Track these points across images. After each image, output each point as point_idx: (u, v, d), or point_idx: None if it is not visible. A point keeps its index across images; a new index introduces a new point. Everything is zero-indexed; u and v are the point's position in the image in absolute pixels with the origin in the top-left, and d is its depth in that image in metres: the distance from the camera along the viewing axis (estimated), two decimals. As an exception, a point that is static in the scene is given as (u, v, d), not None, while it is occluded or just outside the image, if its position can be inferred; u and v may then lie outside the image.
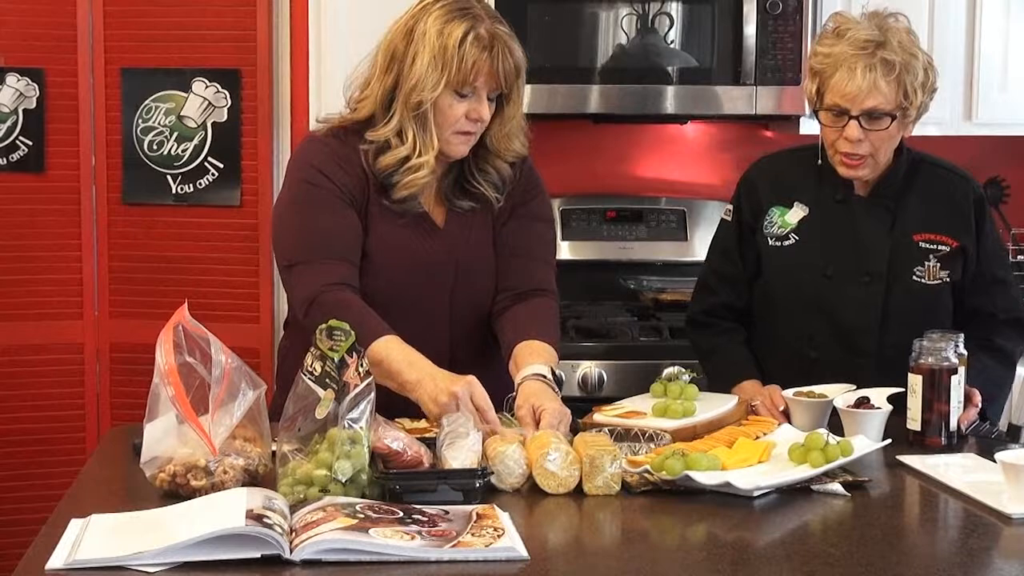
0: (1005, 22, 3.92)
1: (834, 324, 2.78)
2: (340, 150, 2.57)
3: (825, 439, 2.24)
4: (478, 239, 2.65)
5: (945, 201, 2.80)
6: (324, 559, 1.81)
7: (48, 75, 3.96)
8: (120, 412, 3.99)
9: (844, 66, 2.63)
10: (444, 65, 2.46)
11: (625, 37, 3.77)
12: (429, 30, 2.48)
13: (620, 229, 4.09)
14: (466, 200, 2.63)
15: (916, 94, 2.66)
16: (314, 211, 2.54)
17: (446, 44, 2.46)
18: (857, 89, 2.62)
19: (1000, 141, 4.17)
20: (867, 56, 2.62)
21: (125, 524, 1.94)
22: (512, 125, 2.58)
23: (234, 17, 3.94)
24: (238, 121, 3.97)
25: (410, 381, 2.37)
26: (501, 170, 2.62)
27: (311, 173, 2.56)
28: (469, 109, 2.51)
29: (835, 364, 2.74)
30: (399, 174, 2.52)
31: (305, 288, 2.49)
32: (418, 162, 2.51)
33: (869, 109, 2.64)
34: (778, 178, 2.87)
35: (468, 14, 2.50)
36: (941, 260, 2.77)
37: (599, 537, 2.07)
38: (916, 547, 2.01)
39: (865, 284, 2.77)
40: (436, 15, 2.50)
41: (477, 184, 2.62)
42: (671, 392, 2.52)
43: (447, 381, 2.34)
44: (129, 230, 4.01)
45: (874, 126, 2.65)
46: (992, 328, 2.76)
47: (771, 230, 2.84)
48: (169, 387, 2.10)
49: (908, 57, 2.64)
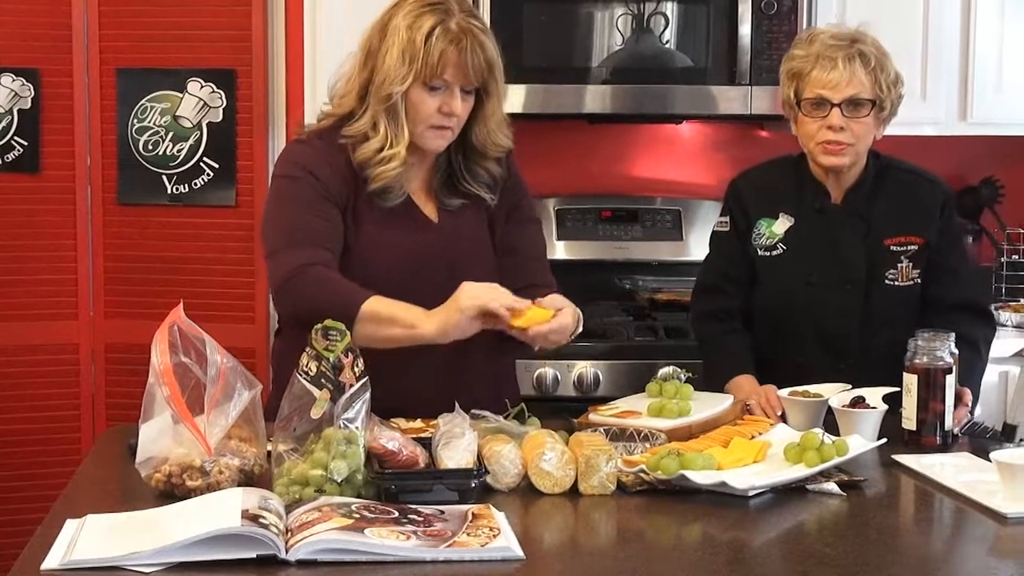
0: (999, 22, 3.93)
1: (818, 330, 2.87)
2: (324, 149, 2.58)
3: (820, 439, 2.25)
4: (472, 234, 2.66)
5: (912, 202, 2.89)
6: (320, 559, 1.81)
7: (43, 75, 3.96)
8: (115, 412, 3.99)
9: (824, 58, 2.76)
10: (412, 58, 2.49)
11: (620, 37, 3.77)
12: (400, 24, 2.51)
13: (616, 229, 4.09)
14: (456, 198, 2.65)
15: (889, 90, 2.78)
16: (293, 205, 2.55)
17: (414, 37, 2.49)
18: (839, 77, 2.74)
19: (995, 141, 4.17)
20: (845, 48, 2.76)
21: (121, 524, 1.94)
22: (492, 121, 2.60)
23: (229, 17, 3.94)
24: (233, 121, 3.97)
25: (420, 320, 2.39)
26: (490, 169, 2.65)
27: (292, 169, 2.59)
28: (441, 103, 2.52)
29: (820, 368, 2.79)
30: (372, 164, 2.54)
31: (282, 267, 2.48)
32: (389, 153, 2.53)
33: (850, 96, 2.75)
34: (763, 190, 2.95)
35: (439, 8, 2.52)
36: (912, 259, 2.86)
37: (595, 537, 2.07)
38: (911, 546, 2.01)
39: (847, 291, 2.85)
40: (408, 9, 2.53)
41: (468, 185, 2.64)
42: (666, 392, 2.53)
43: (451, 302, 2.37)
44: (124, 230, 4.01)
45: (855, 114, 2.76)
46: (950, 317, 2.78)
47: (759, 241, 2.92)
48: (164, 387, 2.10)
49: (881, 56, 2.78)
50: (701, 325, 3.01)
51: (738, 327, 2.94)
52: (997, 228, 4.22)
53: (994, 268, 4.18)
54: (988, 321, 2.93)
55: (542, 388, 3.53)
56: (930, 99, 3.91)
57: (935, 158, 4.01)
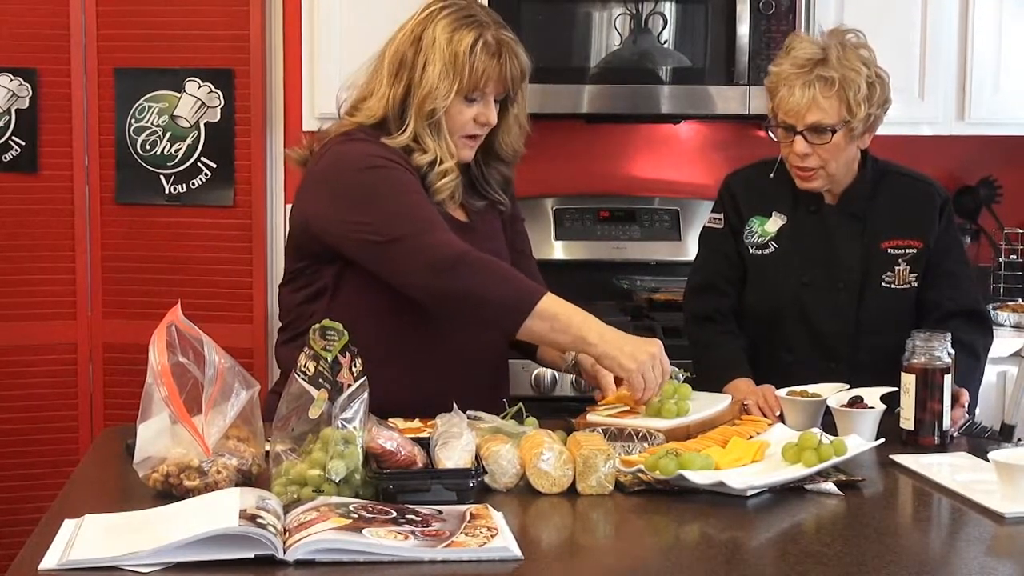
0: (997, 22, 3.93)
1: (811, 330, 2.87)
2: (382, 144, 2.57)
3: (818, 438, 2.25)
4: (496, 235, 2.71)
5: (911, 206, 2.89)
6: (318, 559, 1.80)
7: (41, 75, 3.96)
8: (113, 412, 3.99)
9: (785, 85, 2.76)
10: (455, 73, 2.52)
11: (618, 37, 3.77)
12: (439, 38, 2.53)
13: (613, 229, 4.09)
14: (478, 200, 2.69)
15: (860, 107, 2.75)
16: (409, 191, 2.50)
17: (456, 52, 2.51)
18: (797, 106, 2.74)
19: (993, 141, 4.17)
20: (805, 74, 2.74)
21: (118, 524, 1.94)
22: (516, 127, 2.65)
23: (227, 17, 3.95)
24: (231, 121, 3.97)
25: (591, 336, 2.42)
26: (504, 172, 2.71)
27: (380, 161, 2.52)
28: (478, 113, 2.57)
29: (811, 368, 2.79)
30: (433, 175, 2.56)
31: (442, 249, 2.42)
32: (443, 168, 2.56)
33: (812, 124, 2.75)
34: (756, 189, 2.95)
35: (475, 21, 2.55)
36: (910, 263, 2.86)
37: (593, 537, 2.07)
38: (909, 546, 2.01)
39: (839, 291, 2.85)
40: (444, 23, 2.54)
41: (488, 188, 2.69)
42: (664, 392, 2.52)
43: (641, 343, 2.42)
44: (122, 230, 4.01)
45: (818, 140, 2.76)
46: (948, 322, 2.78)
47: (752, 239, 2.92)
48: (162, 387, 2.10)
49: (848, 72, 2.74)
50: (695, 327, 2.98)
51: (733, 328, 2.93)
52: (995, 228, 4.23)
53: (992, 268, 4.19)
54: (987, 328, 2.91)
55: (540, 388, 3.53)
56: (928, 99, 3.91)
57: (933, 158, 4.03)
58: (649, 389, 2.40)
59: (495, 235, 2.70)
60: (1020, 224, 4.25)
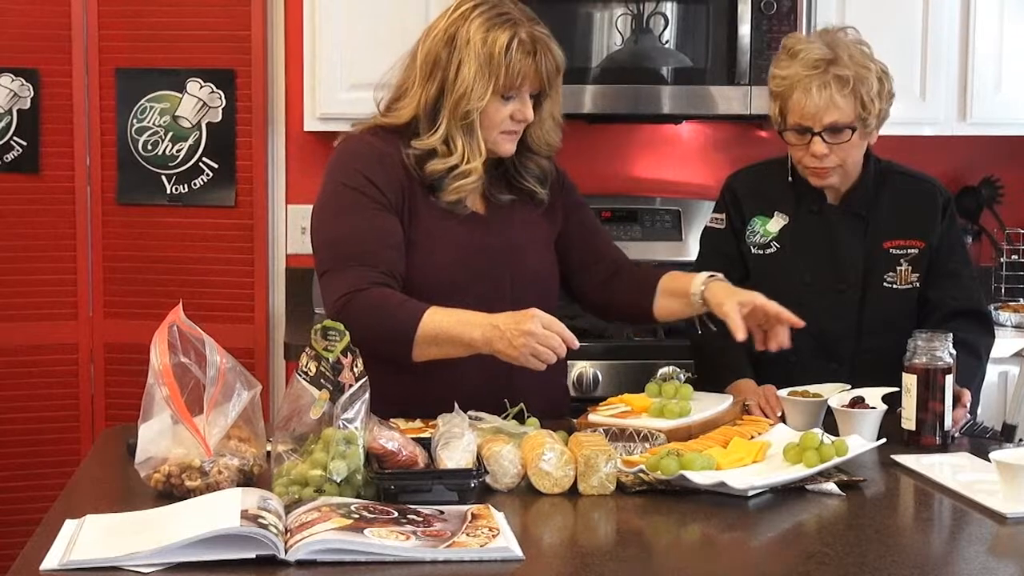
0: (999, 22, 3.93)
1: (813, 330, 2.81)
2: (381, 147, 2.58)
3: (820, 439, 2.25)
4: (522, 226, 2.68)
5: (914, 206, 2.88)
6: (319, 559, 1.81)
7: (43, 75, 3.96)
8: (114, 412, 3.99)
9: (800, 87, 2.73)
10: (491, 73, 2.52)
11: (620, 37, 3.77)
12: (473, 38, 2.52)
13: (615, 229, 4.09)
14: (507, 194, 2.68)
15: (873, 103, 2.74)
16: (349, 217, 2.54)
17: (491, 52, 2.51)
18: (815, 108, 2.71)
19: (994, 141, 4.17)
20: (820, 75, 2.71)
21: (120, 524, 1.94)
22: (549, 121, 2.65)
23: (229, 17, 3.95)
24: (233, 121, 3.97)
25: (476, 339, 2.39)
26: (541, 164, 2.70)
27: (350, 175, 2.56)
28: (514, 110, 2.57)
29: (812, 369, 2.78)
30: (449, 179, 2.56)
31: (334, 294, 2.49)
32: (467, 168, 2.55)
33: (830, 125, 2.73)
34: (758, 189, 2.95)
35: (509, 19, 2.55)
36: (912, 263, 2.86)
37: (594, 537, 2.07)
38: (911, 546, 2.01)
39: (841, 292, 2.85)
40: (478, 23, 2.53)
41: (522, 180, 2.68)
42: (666, 392, 2.53)
43: (513, 324, 2.36)
44: (124, 230, 4.01)
45: (837, 139, 2.75)
46: (950, 322, 2.77)
47: (754, 239, 2.92)
48: (164, 387, 2.10)
49: (860, 69, 2.73)
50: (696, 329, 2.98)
51: None
52: (997, 228, 4.23)
53: (994, 268, 4.19)
54: (988, 328, 2.91)
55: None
56: (930, 99, 3.91)
57: (934, 158, 4.03)
58: (547, 359, 2.35)
59: (518, 225, 2.67)
60: (1022, 224, 4.25)
